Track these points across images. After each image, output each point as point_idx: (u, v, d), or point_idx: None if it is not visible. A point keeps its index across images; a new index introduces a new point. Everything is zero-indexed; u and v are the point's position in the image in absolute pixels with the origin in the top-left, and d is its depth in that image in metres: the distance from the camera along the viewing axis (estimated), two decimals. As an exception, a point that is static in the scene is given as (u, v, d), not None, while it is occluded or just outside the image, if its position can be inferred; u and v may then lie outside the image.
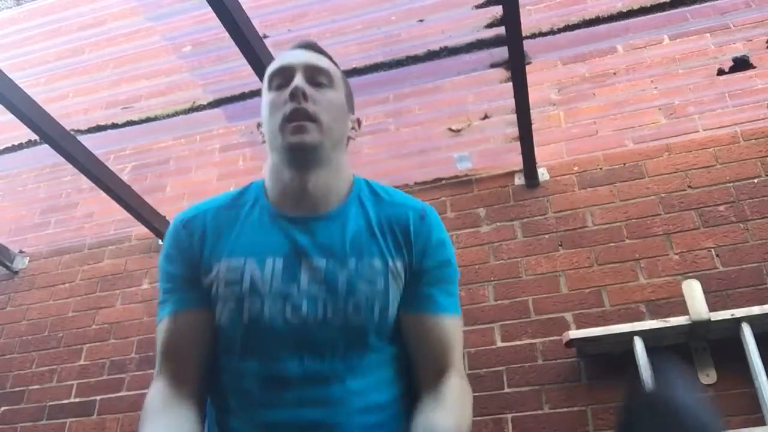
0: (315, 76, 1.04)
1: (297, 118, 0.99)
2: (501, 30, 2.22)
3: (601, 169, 2.71)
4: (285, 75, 1.04)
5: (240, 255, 0.99)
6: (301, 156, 1.00)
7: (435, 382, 0.98)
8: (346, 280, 0.97)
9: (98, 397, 2.83)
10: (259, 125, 1.11)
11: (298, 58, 1.05)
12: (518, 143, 2.66)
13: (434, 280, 1.02)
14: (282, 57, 1.08)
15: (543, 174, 2.77)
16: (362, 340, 0.98)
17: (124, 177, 3.06)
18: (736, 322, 2.10)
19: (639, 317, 2.32)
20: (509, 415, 2.29)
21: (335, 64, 1.12)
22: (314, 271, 0.98)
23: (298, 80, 1.01)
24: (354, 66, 2.45)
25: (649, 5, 2.36)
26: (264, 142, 1.07)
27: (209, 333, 1.00)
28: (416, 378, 1.01)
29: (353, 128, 1.12)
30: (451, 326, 1.02)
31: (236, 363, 0.99)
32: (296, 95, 0.99)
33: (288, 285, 0.97)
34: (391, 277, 0.99)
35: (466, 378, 1.02)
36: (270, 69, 1.07)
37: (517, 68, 2.29)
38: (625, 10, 2.38)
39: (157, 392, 0.97)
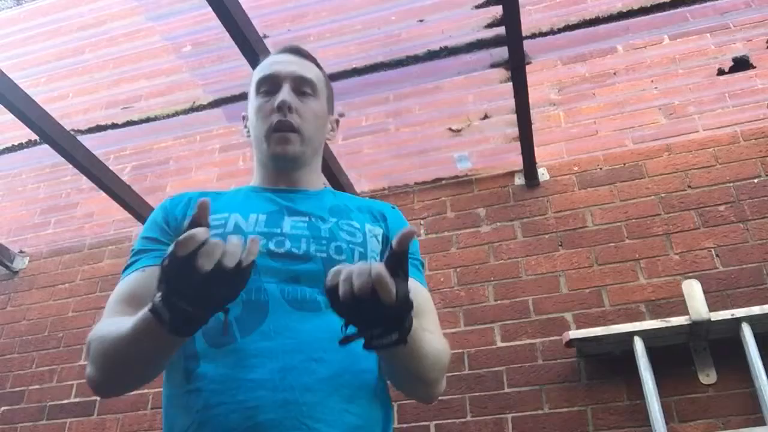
0: (300, 86, 1.14)
1: (282, 129, 1.10)
2: (501, 30, 2.22)
3: (601, 169, 2.72)
4: (273, 83, 1.14)
5: (224, 212, 1.07)
6: (284, 162, 1.13)
7: None
8: (328, 228, 1.06)
9: (98, 397, 2.83)
10: (244, 118, 1.23)
11: (286, 67, 1.15)
12: (518, 143, 2.66)
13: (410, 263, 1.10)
14: (270, 63, 1.17)
15: (543, 174, 2.77)
16: None
17: (124, 177, 3.05)
18: (736, 322, 2.10)
19: (639, 317, 2.32)
20: (509, 415, 2.29)
21: (318, 66, 1.22)
22: (296, 221, 1.06)
23: (285, 92, 1.11)
24: (354, 66, 2.45)
25: (649, 5, 2.36)
26: (249, 136, 1.19)
27: None
28: None
29: (332, 129, 1.24)
30: (423, 291, 1.09)
31: None
32: (282, 108, 1.10)
33: (271, 228, 1.04)
34: (369, 234, 1.09)
35: (447, 344, 1.07)
36: (258, 74, 1.17)
37: (517, 68, 2.29)
38: (625, 10, 2.38)
39: (105, 321, 0.97)
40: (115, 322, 0.91)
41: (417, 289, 1.04)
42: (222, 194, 1.16)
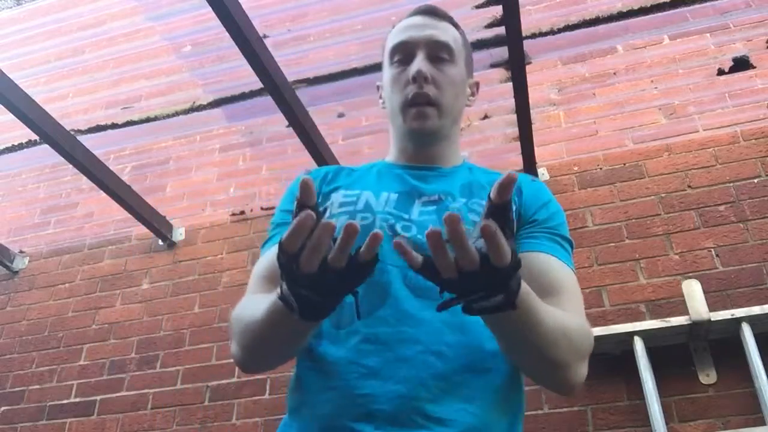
0: (436, 51, 1.05)
1: (419, 102, 1.02)
2: (501, 30, 2.22)
3: (601, 169, 2.71)
4: (406, 50, 1.06)
5: (357, 189, 1.04)
6: (421, 138, 1.06)
7: None
8: (457, 209, 0.97)
9: (98, 397, 2.83)
10: (379, 88, 1.16)
11: (421, 31, 1.06)
12: (518, 143, 2.66)
13: (546, 232, 1.01)
14: (404, 28, 1.08)
15: (543, 174, 2.77)
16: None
17: (124, 177, 3.06)
18: (736, 322, 2.10)
19: (639, 317, 2.31)
20: (509, 415, 2.29)
21: (456, 25, 1.14)
22: (425, 204, 1.00)
23: (420, 61, 1.03)
24: (354, 66, 2.45)
25: (649, 5, 2.36)
26: (383, 107, 1.14)
27: None
28: None
29: (472, 94, 1.16)
30: (563, 269, 0.96)
31: None
32: (418, 79, 1.02)
33: (401, 211, 0.99)
34: None
35: (590, 328, 0.94)
36: (391, 42, 1.09)
37: (517, 68, 2.29)
38: (625, 10, 2.39)
39: (247, 299, 0.96)
40: (253, 303, 0.89)
41: (552, 264, 0.95)
42: (356, 170, 1.12)
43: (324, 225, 0.67)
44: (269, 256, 1.00)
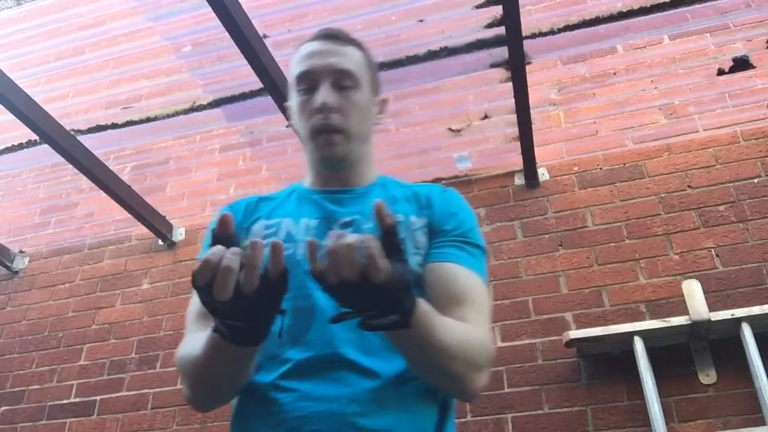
0: (340, 80, 1.08)
1: (326, 130, 1.06)
2: (501, 30, 2.22)
3: (601, 169, 2.72)
4: (311, 80, 1.09)
5: (276, 217, 1.09)
6: (331, 164, 1.10)
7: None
8: (370, 229, 1.01)
9: (98, 397, 2.83)
10: (287, 108, 1.19)
11: (323, 59, 1.09)
12: (518, 143, 2.66)
13: (453, 241, 1.04)
14: (306, 55, 1.10)
15: (543, 174, 2.77)
16: None
17: (124, 177, 3.06)
18: (736, 322, 2.10)
19: (639, 317, 2.32)
20: (509, 415, 2.29)
21: (358, 45, 1.15)
22: (342, 228, 1.04)
23: (324, 92, 1.06)
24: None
25: (649, 5, 2.36)
26: (289, 125, 1.19)
27: None
28: None
29: (379, 112, 1.20)
30: (468, 276, 1.00)
31: None
32: (323, 110, 1.06)
33: (319, 238, 1.01)
34: (411, 228, 1.04)
35: (490, 338, 0.99)
36: (295, 69, 1.11)
37: (517, 68, 2.29)
38: (625, 10, 2.38)
39: (186, 339, 0.98)
40: (192, 340, 0.93)
41: (457, 273, 0.99)
42: (275, 196, 1.16)
43: (231, 251, 0.72)
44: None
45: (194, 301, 1.03)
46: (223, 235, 0.74)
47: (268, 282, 0.73)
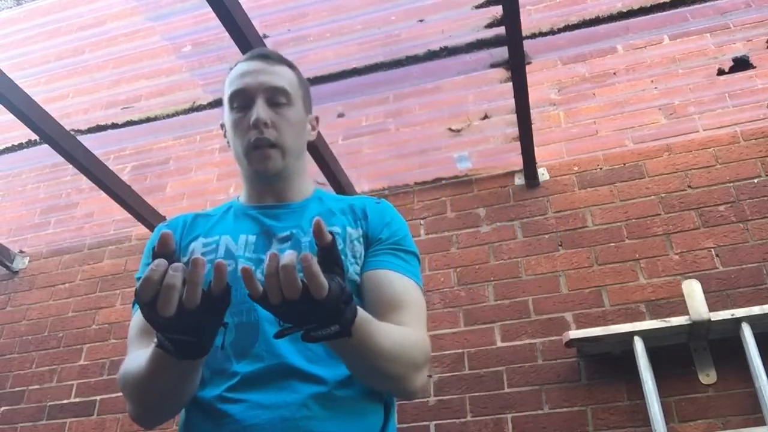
0: (273, 97, 1.12)
1: (260, 145, 1.09)
2: (501, 30, 2.22)
3: (601, 169, 2.72)
4: (245, 97, 1.11)
5: (215, 234, 1.11)
6: (266, 178, 1.13)
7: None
8: (308, 242, 1.06)
9: (98, 397, 2.83)
10: (222, 126, 1.20)
11: (256, 78, 1.12)
12: (518, 143, 2.66)
13: (388, 249, 1.08)
14: (240, 74, 1.13)
15: (543, 174, 2.77)
16: None
17: (124, 177, 3.06)
18: (736, 322, 2.10)
19: (639, 317, 2.32)
20: (509, 415, 2.29)
21: (290, 65, 1.19)
22: (281, 242, 1.07)
23: (259, 108, 1.09)
24: (354, 66, 2.45)
25: (649, 5, 2.36)
26: (229, 146, 1.18)
27: None
28: None
29: (312, 129, 1.23)
30: (403, 281, 1.05)
31: None
32: (258, 126, 1.08)
33: (259, 253, 1.05)
34: (349, 238, 1.08)
35: (426, 339, 1.03)
36: (229, 88, 1.14)
37: (517, 68, 2.29)
38: (625, 10, 2.38)
39: (129, 356, 0.99)
40: (135, 357, 0.94)
41: (393, 280, 1.04)
42: (212, 214, 1.18)
43: (173, 267, 0.73)
44: (140, 316, 1.05)
45: (136, 318, 1.05)
46: (163, 253, 0.76)
47: (212, 298, 0.75)
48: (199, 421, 0.97)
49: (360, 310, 0.83)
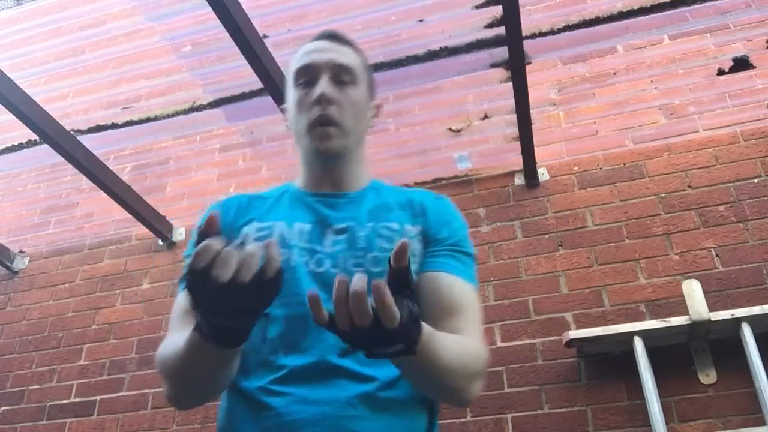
0: (339, 74, 1.09)
1: (323, 123, 1.06)
2: (501, 30, 2.22)
3: (601, 169, 2.72)
4: (310, 73, 1.09)
5: (270, 220, 1.08)
6: (326, 158, 1.10)
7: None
8: (364, 236, 1.03)
9: (98, 397, 2.83)
10: (284, 110, 1.19)
11: (323, 55, 1.10)
12: (518, 143, 2.66)
13: (447, 250, 1.05)
14: (307, 52, 1.12)
15: (543, 174, 2.77)
16: None
17: (124, 177, 3.06)
18: (736, 322, 2.10)
19: (639, 317, 2.32)
20: (509, 415, 2.29)
21: (358, 50, 1.16)
22: (336, 233, 1.04)
23: (323, 84, 1.07)
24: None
25: (649, 5, 2.36)
26: (288, 128, 1.16)
27: None
28: None
29: (374, 116, 1.19)
30: (461, 285, 1.02)
31: None
32: (322, 101, 1.06)
33: (313, 244, 1.03)
34: (407, 236, 1.04)
35: (483, 347, 0.99)
36: (296, 64, 1.12)
37: (517, 68, 2.29)
38: (625, 10, 2.39)
39: (167, 339, 0.97)
40: (174, 341, 0.92)
41: (452, 284, 1.01)
42: (267, 196, 1.15)
43: (233, 244, 0.72)
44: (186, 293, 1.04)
45: (178, 302, 1.03)
46: (209, 235, 0.73)
47: (263, 278, 0.72)
48: (241, 411, 0.96)
49: (425, 327, 0.80)
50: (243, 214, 1.11)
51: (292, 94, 1.13)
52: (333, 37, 1.14)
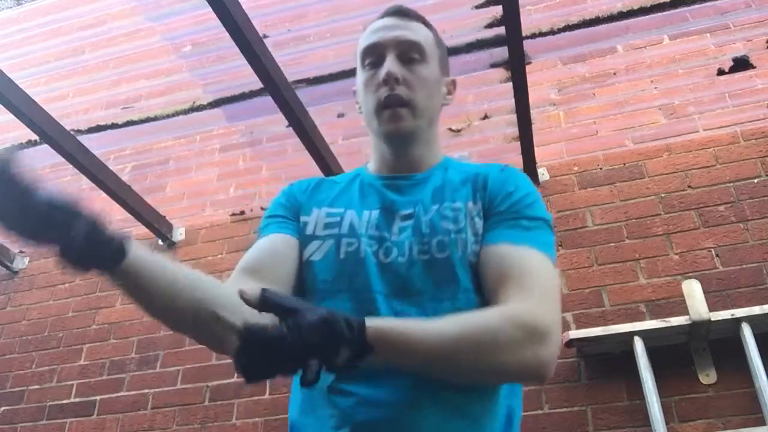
0: (407, 52, 1.05)
1: (391, 104, 1.02)
2: (501, 30, 2.22)
3: (601, 169, 2.71)
4: (377, 53, 1.06)
5: (340, 206, 1.06)
6: (397, 140, 1.06)
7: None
8: (429, 220, 1.00)
9: (98, 397, 2.83)
10: (355, 93, 1.16)
11: (389, 33, 1.06)
12: (518, 143, 2.66)
13: (505, 220, 0.98)
14: (373, 30, 1.08)
15: (543, 174, 2.77)
16: (449, 275, 0.95)
17: (124, 177, 3.06)
18: (736, 322, 2.10)
19: (639, 317, 2.32)
20: (509, 415, 2.28)
21: (427, 24, 1.12)
22: (403, 220, 1.01)
23: (390, 62, 1.03)
24: (354, 66, 2.44)
25: (649, 5, 2.37)
26: (360, 112, 1.13)
27: (296, 261, 1.02)
28: None
29: (448, 93, 1.15)
30: (517, 251, 0.93)
31: (327, 303, 0.96)
32: (389, 81, 1.02)
33: (382, 232, 1.00)
34: (470, 215, 1.00)
35: (529, 309, 0.86)
36: (362, 44, 1.09)
37: (517, 68, 2.29)
38: (625, 10, 2.39)
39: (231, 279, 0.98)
40: (227, 289, 0.90)
41: (505, 254, 0.93)
42: (338, 181, 1.13)
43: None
44: (259, 245, 1.05)
45: (249, 254, 1.03)
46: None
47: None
48: (309, 409, 0.94)
49: (375, 321, 0.79)
50: (313, 194, 1.10)
51: (360, 75, 1.10)
52: (400, 12, 1.09)
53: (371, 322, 0.78)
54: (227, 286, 0.92)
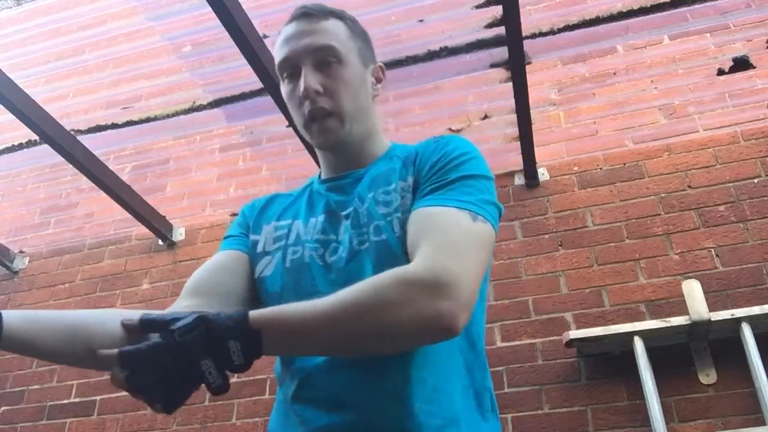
0: (322, 58, 1.02)
1: (317, 117, 1.01)
2: (501, 30, 2.22)
3: (601, 169, 2.72)
4: (291, 65, 1.04)
5: (288, 218, 1.08)
6: (331, 149, 1.06)
7: None
8: (366, 210, 0.99)
9: (98, 397, 2.83)
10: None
11: (299, 42, 1.03)
12: (518, 143, 2.66)
13: (429, 185, 0.95)
14: (283, 41, 1.06)
15: (543, 174, 2.77)
16: (390, 257, 0.92)
17: (124, 177, 3.06)
18: (736, 322, 2.10)
19: (639, 317, 2.32)
20: (509, 415, 2.29)
21: (337, 16, 1.07)
22: (347, 218, 1.01)
23: (306, 75, 1.00)
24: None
25: (649, 5, 2.36)
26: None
27: (246, 275, 1.05)
28: None
29: (377, 81, 1.11)
30: (429, 213, 0.90)
31: None
32: (309, 95, 1.00)
33: (328, 235, 1.01)
34: (403, 192, 0.98)
35: (445, 272, 0.80)
36: (276, 58, 1.07)
37: (517, 68, 2.29)
38: (625, 10, 2.39)
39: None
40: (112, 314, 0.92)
41: (419, 219, 0.90)
42: (292, 195, 1.15)
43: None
44: (208, 265, 1.07)
45: (196, 273, 1.05)
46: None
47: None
48: (282, 419, 0.97)
49: (263, 309, 0.80)
50: (261, 213, 1.13)
51: (282, 88, 1.08)
52: (306, 15, 1.05)
53: (255, 310, 0.79)
54: (108, 319, 0.91)
